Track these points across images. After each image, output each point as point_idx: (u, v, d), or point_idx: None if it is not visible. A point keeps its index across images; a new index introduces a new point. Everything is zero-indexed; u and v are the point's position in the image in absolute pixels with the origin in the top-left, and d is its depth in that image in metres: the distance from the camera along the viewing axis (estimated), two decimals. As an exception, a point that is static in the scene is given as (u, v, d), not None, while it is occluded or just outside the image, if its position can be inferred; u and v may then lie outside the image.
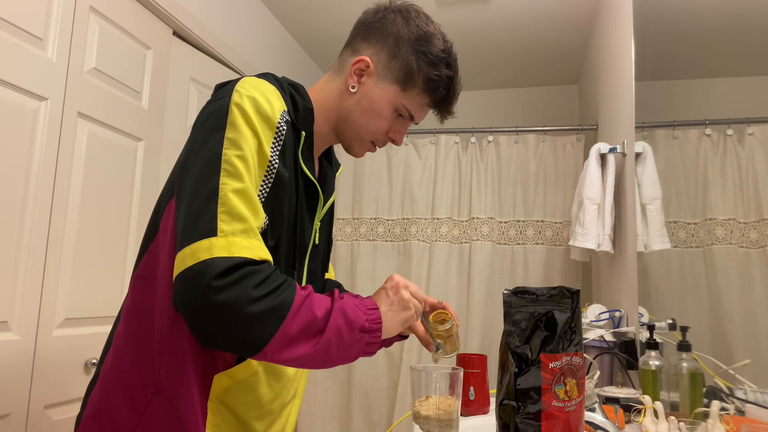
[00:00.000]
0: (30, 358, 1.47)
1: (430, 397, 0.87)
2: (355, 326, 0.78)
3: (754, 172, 1.01)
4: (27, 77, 1.46)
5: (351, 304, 0.80)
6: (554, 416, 0.72)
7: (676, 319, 1.37)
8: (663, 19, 1.54)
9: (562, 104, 3.55)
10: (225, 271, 0.69)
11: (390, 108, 0.92)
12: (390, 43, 0.91)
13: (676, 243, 1.35)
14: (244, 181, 0.75)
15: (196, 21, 2.16)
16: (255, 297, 0.70)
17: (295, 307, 0.74)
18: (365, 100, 0.91)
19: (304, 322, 0.74)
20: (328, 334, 0.75)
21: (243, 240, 0.72)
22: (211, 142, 0.77)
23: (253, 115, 0.78)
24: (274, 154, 0.79)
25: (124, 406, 0.79)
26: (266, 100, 0.80)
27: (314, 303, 0.76)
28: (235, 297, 0.69)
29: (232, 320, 0.70)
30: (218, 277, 0.69)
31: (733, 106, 1.10)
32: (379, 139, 0.95)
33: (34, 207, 1.48)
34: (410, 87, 0.91)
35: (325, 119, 0.95)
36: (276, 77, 0.89)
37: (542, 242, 2.81)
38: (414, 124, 0.99)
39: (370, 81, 0.91)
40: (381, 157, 3.06)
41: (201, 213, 0.73)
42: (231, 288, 0.69)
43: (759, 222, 0.98)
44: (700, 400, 1.13)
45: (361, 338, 0.78)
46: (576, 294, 0.77)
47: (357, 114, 0.92)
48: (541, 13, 2.73)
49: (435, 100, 0.93)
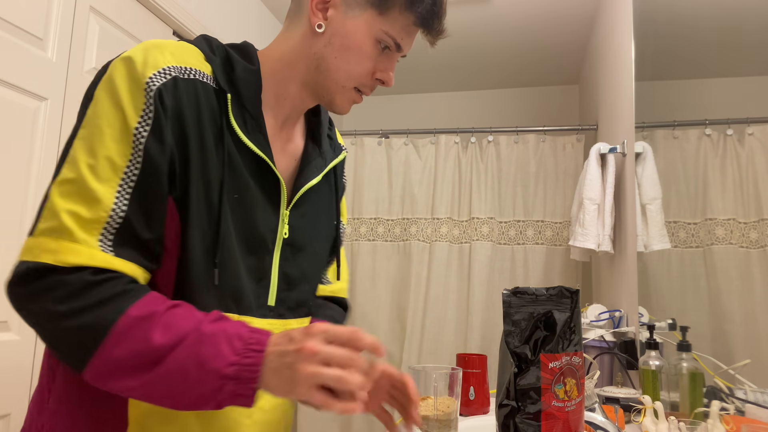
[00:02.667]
0: (30, 358, 1.47)
1: (428, 397, 0.86)
2: (207, 368, 0.58)
3: (754, 172, 1.01)
4: (27, 77, 1.46)
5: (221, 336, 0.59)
6: (554, 416, 0.72)
7: (676, 319, 1.37)
8: (663, 19, 1.54)
9: (562, 104, 3.55)
10: (21, 277, 0.60)
11: (370, 40, 0.74)
12: None
13: (676, 243, 1.35)
14: (78, 170, 0.62)
15: (196, 21, 2.16)
16: (58, 312, 0.59)
17: (119, 331, 0.58)
18: (337, 37, 0.74)
19: (132, 351, 0.58)
20: (166, 367, 0.58)
21: (50, 241, 0.60)
22: (77, 120, 0.67)
23: (121, 82, 0.65)
24: (142, 129, 0.64)
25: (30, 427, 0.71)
26: (143, 59, 0.66)
27: (158, 326, 0.59)
28: (35, 309, 0.60)
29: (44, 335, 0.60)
30: (15, 284, 0.60)
31: (733, 106, 1.10)
32: (365, 83, 0.77)
33: (34, 207, 1.48)
34: (389, 8, 0.73)
35: (291, 75, 0.77)
36: (209, 38, 0.76)
37: (542, 242, 2.81)
38: (402, 56, 0.79)
39: (338, 13, 0.74)
40: (381, 157, 3.06)
41: (42, 204, 0.64)
42: (31, 298, 0.60)
43: (759, 222, 0.98)
44: (700, 400, 1.13)
45: (219, 386, 0.58)
46: (575, 294, 0.77)
47: (331, 57, 0.75)
48: (541, 13, 2.73)
49: (421, 15, 0.74)
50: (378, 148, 3.06)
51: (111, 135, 0.64)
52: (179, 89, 0.67)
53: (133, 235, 0.64)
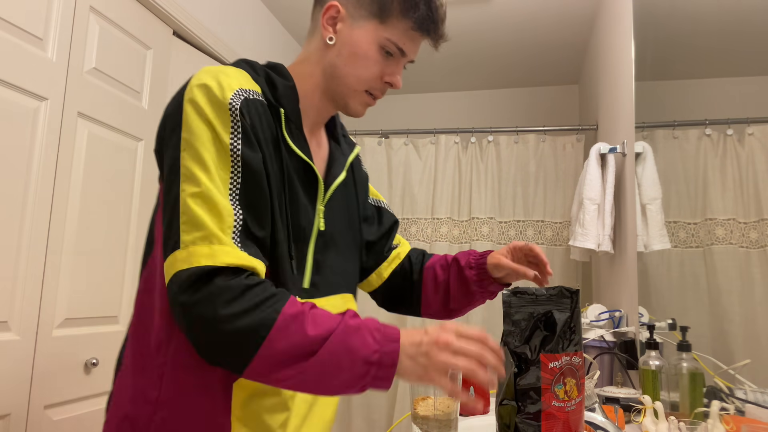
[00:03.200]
0: (30, 358, 1.47)
1: (428, 397, 0.85)
2: (357, 355, 0.67)
3: (754, 172, 1.01)
4: (27, 77, 1.46)
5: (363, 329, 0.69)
6: (554, 416, 0.72)
7: (676, 319, 1.37)
8: (663, 19, 1.54)
9: (562, 104, 3.55)
10: (187, 284, 0.68)
11: (375, 47, 0.83)
12: None
13: (676, 243, 1.35)
14: (200, 184, 0.71)
15: (196, 21, 2.16)
16: (225, 315, 0.66)
17: (279, 327, 0.67)
18: (346, 47, 0.83)
19: (292, 344, 0.67)
20: (320, 357, 0.67)
21: (203, 248, 0.68)
22: (171, 146, 0.75)
23: (205, 105, 0.74)
24: (235, 141, 0.74)
25: (131, 428, 0.76)
26: (217, 84, 0.75)
27: (308, 322, 0.68)
28: (203, 314, 0.67)
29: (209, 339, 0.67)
30: (182, 292, 0.68)
31: (733, 106, 1.10)
32: (375, 86, 0.86)
33: (34, 207, 1.48)
34: (388, 16, 0.82)
35: (314, 87, 0.87)
36: (249, 61, 0.85)
37: (542, 242, 2.81)
38: (410, 62, 0.88)
39: (346, 26, 0.84)
40: (381, 157, 3.06)
41: (170, 225, 0.72)
42: (198, 305, 0.67)
43: (759, 222, 0.98)
44: (700, 400, 1.13)
45: (365, 371, 0.67)
46: (575, 294, 0.77)
47: (342, 65, 0.84)
48: (541, 13, 2.73)
49: (418, 20, 0.83)
50: (378, 148, 3.06)
51: (212, 150, 0.73)
52: (250, 107, 0.76)
53: (252, 234, 0.73)
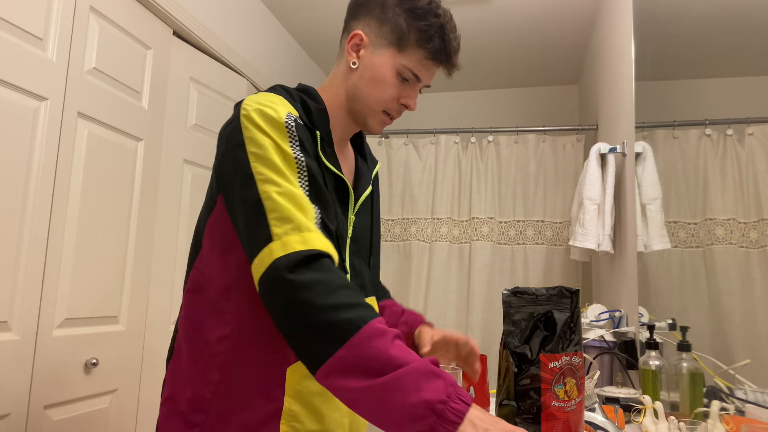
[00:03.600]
0: (30, 358, 1.47)
1: None
2: (423, 394, 0.65)
3: (754, 172, 1.01)
4: (27, 77, 1.46)
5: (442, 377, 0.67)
6: (554, 416, 0.72)
7: (676, 319, 1.37)
8: (663, 19, 1.54)
9: (562, 104, 3.55)
10: (294, 265, 0.73)
11: (392, 72, 0.92)
12: (376, 11, 0.93)
13: (676, 243, 1.35)
14: (281, 185, 0.79)
15: (196, 21, 2.16)
16: (326, 305, 0.71)
17: (367, 333, 0.70)
18: (367, 71, 0.93)
19: (370, 354, 0.68)
20: (390, 380, 0.66)
21: (295, 236, 0.76)
22: (238, 162, 0.82)
23: (263, 123, 0.83)
24: (296, 151, 0.83)
25: (189, 409, 0.85)
26: (270, 107, 0.84)
27: (391, 344, 0.70)
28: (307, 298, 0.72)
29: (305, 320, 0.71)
30: (289, 272, 0.73)
31: (733, 106, 1.10)
32: (391, 107, 0.95)
33: (34, 207, 1.48)
34: (405, 45, 0.91)
35: (339, 107, 0.97)
36: (285, 87, 0.93)
37: (542, 242, 2.81)
38: (426, 87, 0.97)
39: (368, 52, 0.93)
40: (381, 156, 3.06)
41: (256, 225, 0.78)
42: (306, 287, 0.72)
43: (759, 222, 0.98)
44: (700, 400, 1.13)
45: (425, 415, 0.65)
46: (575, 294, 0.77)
47: (363, 87, 0.93)
48: (541, 13, 2.73)
49: (431, 50, 0.92)
50: (378, 148, 3.06)
51: (279, 158, 0.81)
52: (299, 127, 0.85)
53: (326, 227, 0.81)
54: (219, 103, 2.36)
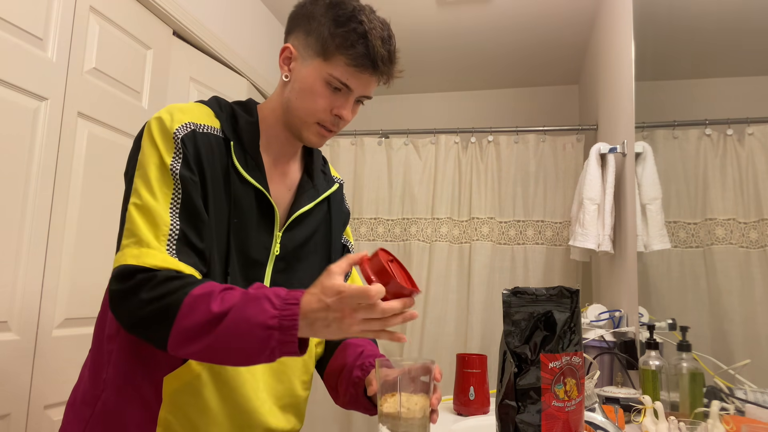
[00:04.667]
0: (30, 358, 1.47)
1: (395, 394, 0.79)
2: (254, 322, 0.73)
3: (754, 172, 1.01)
4: (27, 77, 1.46)
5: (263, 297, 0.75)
6: (554, 416, 0.72)
7: (676, 319, 1.37)
8: (663, 19, 1.54)
9: (562, 104, 3.55)
10: (117, 278, 0.80)
11: (320, 82, 0.91)
12: (304, 23, 0.94)
13: (676, 243, 1.35)
14: (141, 198, 0.84)
15: (196, 21, 2.16)
16: (143, 300, 0.78)
17: (186, 306, 0.76)
18: (297, 83, 0.93)
19: (197, 320, 0.75)
20: (222, 329, 0.74)
21: (133, 249, 0.81)
22: (129, 166, 0.89)
23: (155, 132, 0.87)
24: (175, 164, 0.86)
25: (81, 402, 0.91)
26: (170, 117, 0.88)
27: (215, 300, 0.76)
28: (127, 304, 0.79)
29: (133, 322, 0.79)
30: (114, 284, 0.80)
31: (733, 106, 1.10)
32: (324, 119, 0.93)
33: (34, 207, 1.48)
34: (329, 54, 0.90)
35: (275, 120, 0.98)
36: (218, 99, 0.97)
37: (542, 242, 2.81)
38: (365, 97, 0.96)
39: (298, 64, 0.94)
40: (381, 156, 3.06)
41: (119, 233, 0.85)
42: (125, 296, 0.79)
43: (759, 222, 0.98)
44: (700, 400, 1.13)
45: (267, 336, 0.73)
46: (575, 294, 0.77)
47: (294, 99, 0.94)
48: (541, 13, 2.73)
49: (354, 57, 0.89)
50: (378, 148, 3.06)
51: (156, 170, 0.85)
52: (197, 138, 0.88)
53: (189, 243, 0.84)
54: (219, 103, 2.35)
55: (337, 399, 1.02)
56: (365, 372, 0.95)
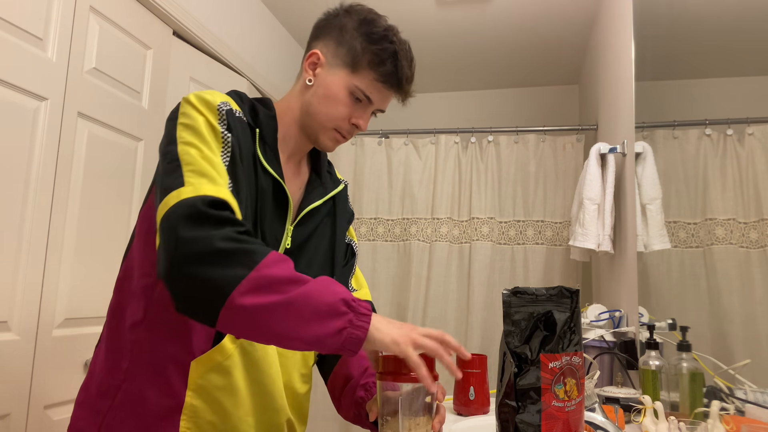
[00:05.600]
0: (30, 358, 1.47)
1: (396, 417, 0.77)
2: (338, 295, 0.73)
3: (754, 172, 1.01)
4: (27, 77, 1.46)
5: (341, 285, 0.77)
6: (554, 416, 0.72)
7: (676, 319, 1.37)
8: (663, 19, 1.54)
9: (562, 104, 3.55)
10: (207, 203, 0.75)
11: (345, 91, 0.96)
12: (335, 33, 0.98)
13: (676, 243, 1.35)
14: (201, 149, 0.82)
15: (196, 21, 2.16)
16: (228, 235, 0.73)
17: (272, 258, 0.74)
18: (321, 88, 0.96)
19: (280, 273, 0.73)
20: (306, 289, 0.73)
21: (209, 186, 0.78)
22: (168, 133, 0.86)
23: (197, 103, 0.87)
24: (224, 129, 0.86)
25: (97, 395, 0.88)
26: (209, 94, 0.89)
27: (291, 266, 0.76)
28: (210, 231, 0.73)
29: (206, 251, 0.72)
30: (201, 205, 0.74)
31: (733, 106, 1.10)
32: (342, 126, 0.98)
33: (34, 207, 1.48)
34: (358, 67, 0.95)
35: (292, 120, 1.00)
36: (239, 92, 0.98)
37: (542, 242, 2.81)
38: (380, 111, 1.01)
39: (323, 71, 0.97)
40: (381, 156, 3.06)
41: (169, 177, 0.79)
42: (212, 222, 0.74)
43: (759, 222, 0.98)
44: (700, 400, 1.13)
45: (345, 311, 0.73)
46: (575, 294, 0.77)
47: (316, 103, 0.97)
48: (541, 13, 2.73)
49: (382, 73, 0.95)
50: (378, 148, 3.06)
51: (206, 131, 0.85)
52: (233, 118, 0.89)
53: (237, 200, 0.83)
54: (219, 103, 2.35)
55: (340, 410, 1.02)
56: (368, 393, 0.95)
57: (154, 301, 0.86)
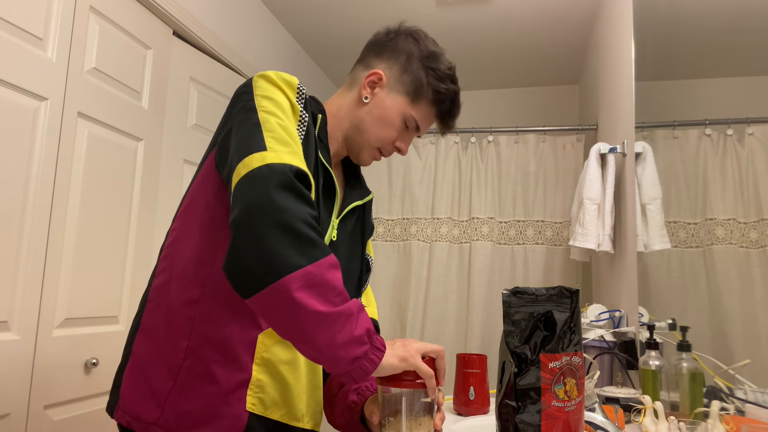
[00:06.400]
0: (30, 358, 1.47)
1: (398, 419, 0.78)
2: (364, 325, 0.75)
3: (754, 172, 1.01)
4: (27, 77, 1.46)
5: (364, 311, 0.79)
6: (554, 416, 0.72)
7: (676, 319, 1.37)
8: (663, 19, 1.54)
9: (562, 104, 3.55)
10: (297, 175, 0.75)
11: (400, 118, 0.99)
12: (402, 59, 0.99)
13: (676, 243, 1.35)
14: (282, 119, 0.82)
15: (196, 21, 2.16)
16: (307, 219, 0.73)
17: (331, 261, 0.74)
18: (377, 109, 0.99)
19: (331, 279, 0.73)
20: (344, 308, 0.73)
21: (292, 158, 0.77)
22: (243, 103, 0.85)
23: (276, 79, 0.88)
24: (302, 106, 0.88)
25: (156, 377, 0.86)
26: (284, 74, 0.90)
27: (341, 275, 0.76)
28: (293, 205, 0.73)
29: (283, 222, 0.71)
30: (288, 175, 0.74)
31: (733, 106, 1.10)
32: (386, 148, 1.01)
33: (34, 207, 1.48)
34: (419, 99, 0.99)
35: (338, 126, 1.01)
36: None
37: (542, 242, 2.81)
38: (417, 136, 1.06)
39: (383, 92, 0.99)
40: (381, 157, 3.06)
41: (250, 140, 0.78)
42: (293, 195, 0.73)
43: (759, 222, 0.98)
44: (700, 400, 1.13)
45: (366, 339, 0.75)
46: (575, 294, 0.77)
47: (369, 122, 0.99)
48: (541, 13, 2.73)
49: (441, 112, 1.00)
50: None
51: (285, 103, 0.86)
52: (306, 97, 0.91)
53: None
54: (219, 103, 2.36)
55: (331, 419, 1.01)
56: (361, 397, 0.95)
57: (219, 279, 0.85)
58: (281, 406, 0.88)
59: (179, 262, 0.88)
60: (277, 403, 0.88)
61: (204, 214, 0.88)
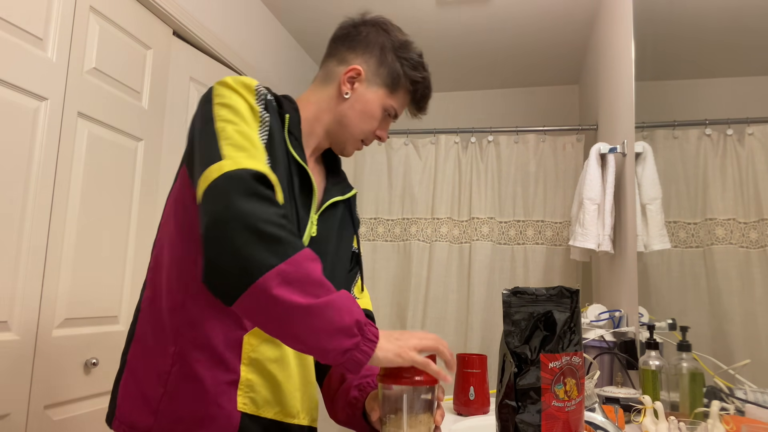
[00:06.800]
0: (30, 358, 1.47)
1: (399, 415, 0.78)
2: (354, 314, 0.74)
3: (754, 172, 1.01)
4: (27, 77, 1.46)
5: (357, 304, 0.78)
6: (554, 416, 0.72)
7: (676, 319, 1.37)
8: (663, 19, 1.54)
9: (562, 104, 3.55)
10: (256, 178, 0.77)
11: (380, 109, 1.03)
12: (376, 52, 1.02)
13: (676, 243, 1.35)
14: (239, 125, 0.84)
15: (196, 21, 2.16)
16: (271, 219, 0.74)
17: (306, 255, 0.75)
18: (359, 103, 1.01)
19: (311, 272, 0.73)
20: (330, 298, 0.73)
21: (248, 161, 0.79)
22: (203, 115, 0.87)
23: (234, 84, 0.89)
24: (262, 109, 0.89)
25: (147, 384, 0.87)
26: (243, 77, 0.91)
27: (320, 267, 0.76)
28: (257, 208, 0.74)
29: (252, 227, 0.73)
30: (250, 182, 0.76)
31: (733, 106, 1.10)
32: (369, 138, 1.05)
33: (34, 207, 1.48)
34: (397, 89, 1.03)
35: (318, 122, 1.03)
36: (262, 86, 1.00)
37: (542, 242, 2.81)
38: (393, 122, 1.10)
39: (362, 87, 1.02)
40: (381, 156, 3.06)
41: (208, 152, 0.81)
42: (260, 199, 0.75)
43: (759, 222, 0.98)
44: (700, 400, 1.13)
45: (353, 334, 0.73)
46: (575, 294, 0.77)
47: (352, 116, 1.01)
48: (541, 13, 2.73)
49: (417, 98, 1.06)
50: (378, 148, 3.06)
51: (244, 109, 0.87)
52: (267, 98, 0.92)
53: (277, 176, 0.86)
54: (219, 103, 2.35)
55: (333, 414, 1.01)
56: (363, 393, 0.94)
57: (195, 280, 0.86)
58: (274, 405, 0.89)
59: (164, 270, 0.90)
60: (269, 402, 0.89)
61: (183, 219, 0.89)
